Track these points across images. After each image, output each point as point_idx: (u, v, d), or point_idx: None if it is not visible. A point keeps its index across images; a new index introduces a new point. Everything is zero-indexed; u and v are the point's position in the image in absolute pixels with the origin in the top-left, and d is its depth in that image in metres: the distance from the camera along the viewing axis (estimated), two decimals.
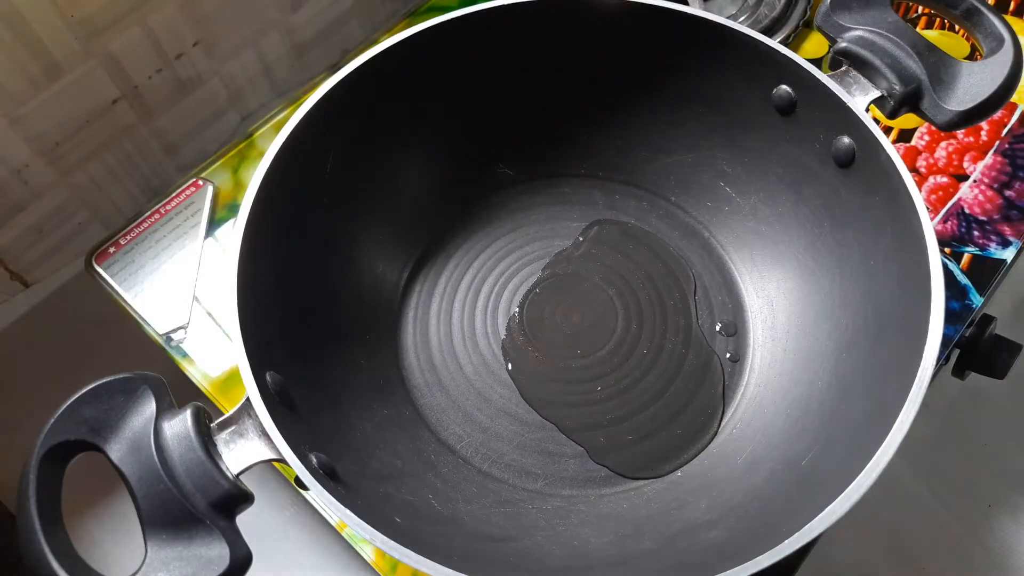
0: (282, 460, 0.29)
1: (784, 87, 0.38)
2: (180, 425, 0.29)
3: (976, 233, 0.46)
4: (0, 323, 0.52)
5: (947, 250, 0.46)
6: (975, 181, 0.48)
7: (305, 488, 0.29)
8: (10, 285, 0.48)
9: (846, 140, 0.37)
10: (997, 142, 0.49)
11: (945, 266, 0.40)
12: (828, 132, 0.37)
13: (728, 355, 0.42)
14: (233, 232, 0.33)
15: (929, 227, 0.33)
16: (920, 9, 0.53)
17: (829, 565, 0.45)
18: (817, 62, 0.38)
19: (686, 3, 0.44)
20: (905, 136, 0.50)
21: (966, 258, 0.45)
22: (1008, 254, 0.45)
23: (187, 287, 0.43)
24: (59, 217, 0.47)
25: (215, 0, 0.46)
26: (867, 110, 0.36)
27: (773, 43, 0.38)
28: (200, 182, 0.46)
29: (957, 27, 0.53)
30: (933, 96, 0.37)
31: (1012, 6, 0.53)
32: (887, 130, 0.49)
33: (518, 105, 0.44)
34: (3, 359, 0.51)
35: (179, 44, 0.47)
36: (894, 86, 0.36)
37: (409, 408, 0.41)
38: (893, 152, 0.34)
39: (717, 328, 0.43)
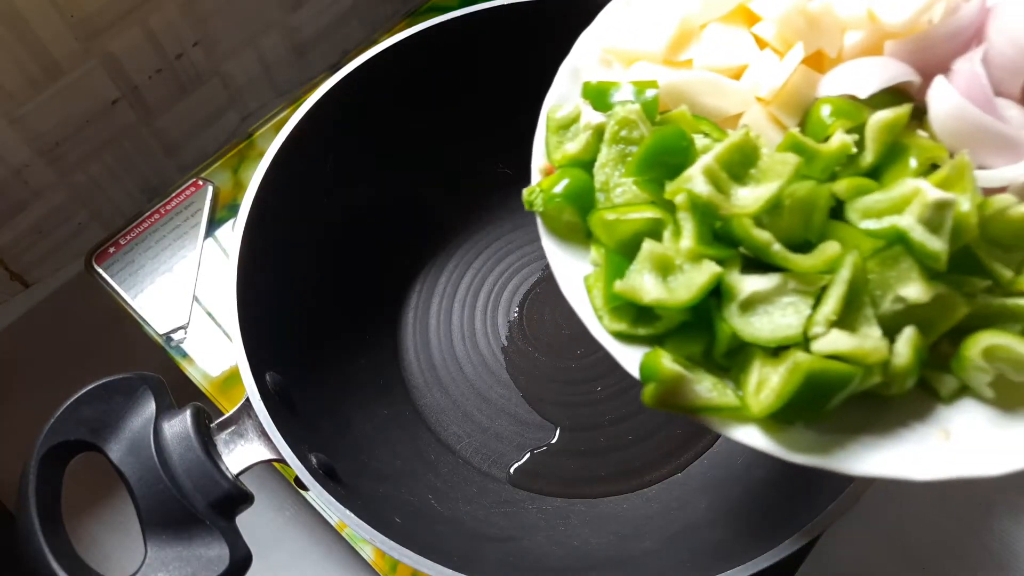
0: (282, 460, 0.29)
1: None
2: (180, 425, 0.29)
3: None
4: (0, 323, 0.52)
5: None
6: None
7: (305, 488, 0.29)
8: (10, 285, 0.48)
9: None
10: None
11: None
12: None
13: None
14: (233, 232, 0.33)
15: None
16: None
17: (829, 565, 0.45)
18: None
19: None
20: None
21: None
22: None
23: (187, 287, 0.43)
24: (59, 217, 0.47)
25: (215, 0, 0.46)
26: None
27: None
28: (200, 182, 0.46)
29: None
30: None
31: None
32: None
33: (518, 105, 0.44)
34: (3, 359, 0.51)
35: (179, 44, 0.47)
36: None
37: (409, 408, 0.41)
38: None
39: None
